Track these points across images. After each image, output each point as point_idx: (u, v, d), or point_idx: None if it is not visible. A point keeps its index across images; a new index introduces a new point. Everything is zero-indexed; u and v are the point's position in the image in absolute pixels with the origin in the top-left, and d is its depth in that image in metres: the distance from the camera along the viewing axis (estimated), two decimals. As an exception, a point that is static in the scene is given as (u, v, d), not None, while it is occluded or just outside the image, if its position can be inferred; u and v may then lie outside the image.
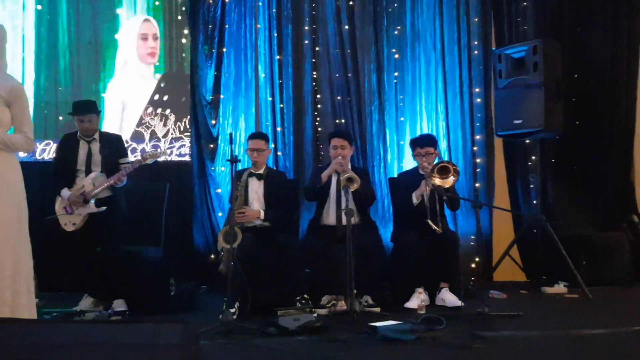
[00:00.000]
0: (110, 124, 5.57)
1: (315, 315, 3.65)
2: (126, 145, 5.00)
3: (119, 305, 4.18)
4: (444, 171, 4.21)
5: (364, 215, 4.60)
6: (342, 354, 3.05)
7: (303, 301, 4.10)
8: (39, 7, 5.63)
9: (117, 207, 4.29)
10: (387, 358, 3.05)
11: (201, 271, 5.25)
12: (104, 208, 4.14)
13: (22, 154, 3.93)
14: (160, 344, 1.54)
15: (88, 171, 4.22)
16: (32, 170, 4.51)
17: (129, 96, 5.67)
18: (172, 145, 5.67)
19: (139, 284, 4.31)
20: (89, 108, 4.26)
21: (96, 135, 4.29)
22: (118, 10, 5.66)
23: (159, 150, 5.21)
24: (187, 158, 5.59)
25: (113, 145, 4.32)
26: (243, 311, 3.96)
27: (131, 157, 4.69)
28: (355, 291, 3.87)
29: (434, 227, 4.26)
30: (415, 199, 4.48)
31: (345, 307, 3.97)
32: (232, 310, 3.89)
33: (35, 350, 1.57)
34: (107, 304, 4.23)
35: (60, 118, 5.53)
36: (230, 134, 3.97)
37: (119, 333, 1.63)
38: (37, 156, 5.47)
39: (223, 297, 4.26)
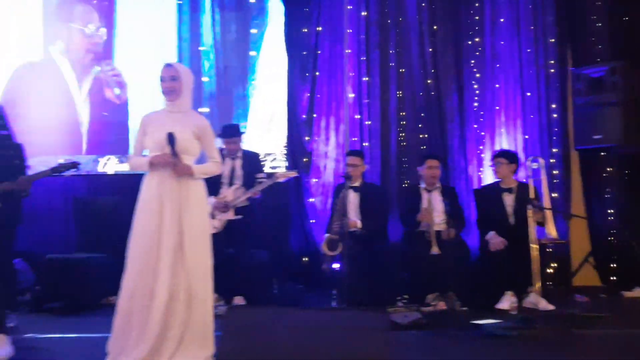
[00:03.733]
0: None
1: (419, 313, 4.13)
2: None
3: (240, 300, 4.72)
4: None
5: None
6: (456, 347, 3.50)
7: (404, 300, 4.57)
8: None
9: (253, 215, 4.88)
10: (495, 351, 3.47)
11: (297, 272, 5.76)
12: (241, 216, 4.72)
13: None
14: (370, 327, 1.99)
15: (230, 183, 4.83)
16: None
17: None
18: (263, 159, 6.21)
19: (250, 282, 4.85)
20: (234, 132, 4.91)
21: (240, 154, 4.91)
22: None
23: (290, 170, 5.52)
24: (277, 170, 6.11)
25: (252, 163, 4.96)
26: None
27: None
28: (452, 292, 4.38)
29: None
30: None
31: (445, 307, 4.43)
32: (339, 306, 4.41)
33: (269, 331, 2.06)
34: (227, 300, 4.76)
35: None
36: (347, 153, 4.48)
37: (336, 318, 2.10)
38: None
39: (320, 295, 4.82)
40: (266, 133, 6.10)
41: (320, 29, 5.98)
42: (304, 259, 5.87)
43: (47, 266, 5.01)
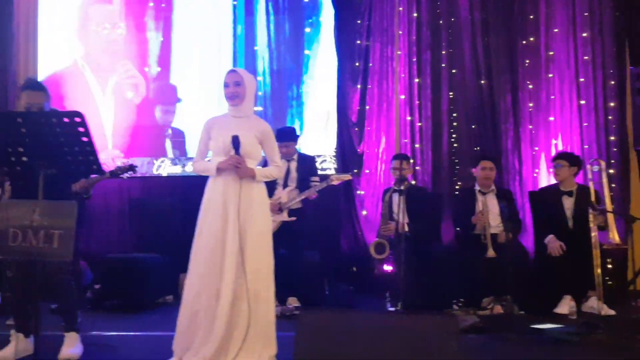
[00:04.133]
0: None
1: (477, 316, 4.09)
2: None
3: (294, 301, 4.75)
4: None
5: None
6: (519, 351, 3.45)
7: (460, 304, 4.53)
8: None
9: (306, 217, 4.92)
10: (559, 356, 3.42)
11: (348, 273, 5.76)
12: (294, 218, 4.76)
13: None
14: (443, 331, 1.99)
15: (285, 185, 4.88)
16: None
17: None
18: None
19: (303, 283, 4.88)
20: (288, 136, 4.94)
21: (295, 156, 4.96)
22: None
23: (344, 174, 5.43)
24: (327, 172, 6.13)
25: (307, 165, 4.99)
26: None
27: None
28: (509, 296, 4.31)
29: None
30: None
31: (502, 310, 4.37)
32: (396, 309, 4.40)
33: (342, 334, 2.07)
34: (280, 300, 4.80)
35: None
36: (394, 157, 4.46)
37: (409, 322, 2.10)
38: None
39: (372, 297, 4.83)
40: (322, 133, 6.13)
41: (371, 30, 5.98)
42: (354, 262, 5.87)
43: (106, 266, 5.15)
